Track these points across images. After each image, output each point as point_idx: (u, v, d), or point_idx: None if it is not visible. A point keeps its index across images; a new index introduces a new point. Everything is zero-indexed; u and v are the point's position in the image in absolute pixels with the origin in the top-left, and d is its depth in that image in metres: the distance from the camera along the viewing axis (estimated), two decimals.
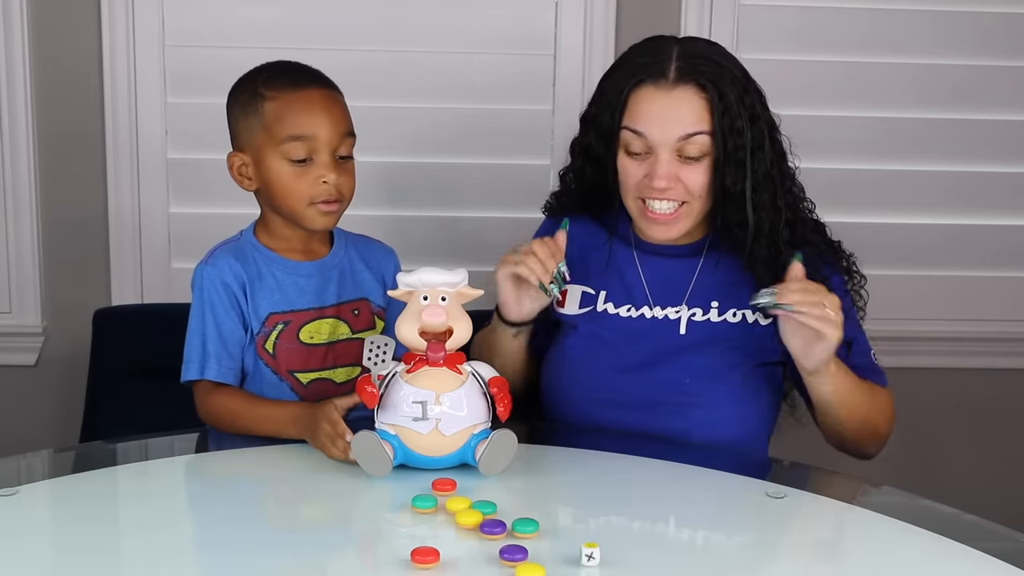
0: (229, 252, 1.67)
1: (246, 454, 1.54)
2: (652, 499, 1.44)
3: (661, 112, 1.56)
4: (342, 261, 1.74)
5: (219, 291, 1.64)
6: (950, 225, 2.51)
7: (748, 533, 1.34)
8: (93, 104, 2.30)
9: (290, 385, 1.67)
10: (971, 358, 2.56)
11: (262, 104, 1.62)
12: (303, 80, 1.64)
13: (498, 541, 1.23)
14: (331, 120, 1.63)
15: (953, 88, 2.45)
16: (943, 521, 1.38)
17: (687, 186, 1.58)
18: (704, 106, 1.55)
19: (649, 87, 1.57)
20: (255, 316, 1.66)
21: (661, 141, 1.56)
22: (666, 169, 1.56)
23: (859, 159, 2.46)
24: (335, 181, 1.63)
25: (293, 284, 1.68)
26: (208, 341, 1.64)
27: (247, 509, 1.39)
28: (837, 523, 1.41)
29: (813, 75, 2.41)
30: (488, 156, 2.38)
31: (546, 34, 2.36)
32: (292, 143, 1.61)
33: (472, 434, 1.42)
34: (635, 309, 1.68)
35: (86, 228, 2.35)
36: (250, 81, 1.66)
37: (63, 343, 2.37)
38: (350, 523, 1.35)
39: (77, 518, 1.33)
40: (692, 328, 1.64)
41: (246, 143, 1.66)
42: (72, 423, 2.23)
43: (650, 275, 1.69)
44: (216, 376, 1.63)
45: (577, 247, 1.71)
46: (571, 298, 1.71)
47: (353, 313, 1.72)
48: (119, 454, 1.61)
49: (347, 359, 1.70)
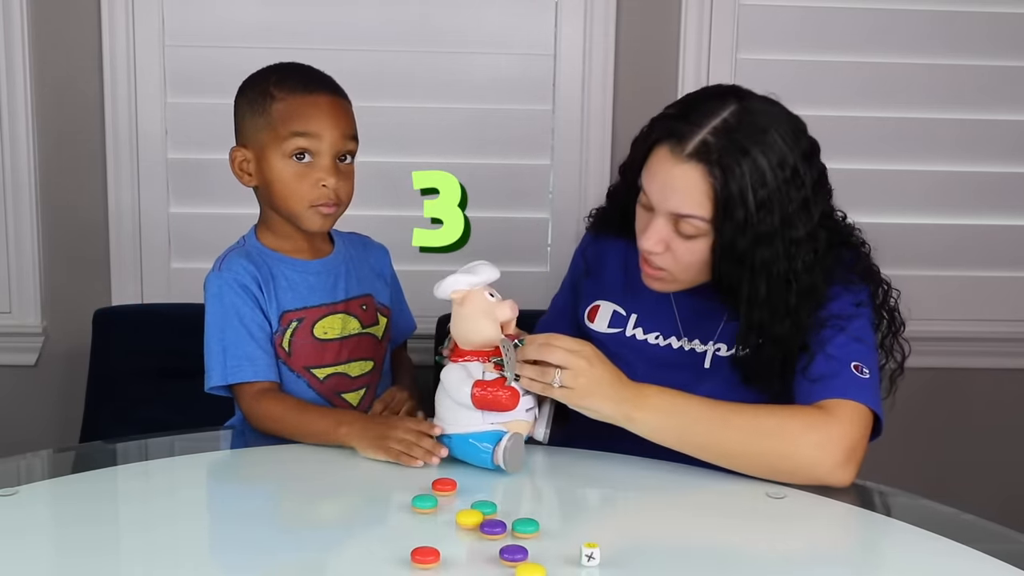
0: (240, 256, 1.68)
1: (246, 454, 1.54)
2: (652, 499, 1.44)
3: (663, 182, 1.49)
4: (346, 258, 1.75)
5: (239, 293, 1.64)
6: (953, 225, 2.51)
7: (748, 533, 1.34)
8: (93, 104, 2.31)
9: (307, 381, 1.67)
10: (973, 358, 2.56)
11: (271, 104, 1.63)
12: (314, 85, 1.66)
13: (498, 541, 1.23)
14: (336, 124, 1.64)
15: (955, 88, 2.45)
16: (943, 521, 1.38)
17: (676, 257, 1.52)
18: (707, 190, 1.45)
19: (664, 150, 1.49)
20: (273, 314, 1.66)
21: (659, 205, 1.50)
22: (657, 233, 1.50)
23: (861, 159, 2.45)
24: (334, 185, 1.63)
25: (304, 281, 1.69)
26: (235, 346, 1.62)
27: (246, 509, 1.38)
28: (837, 523, 1.41)
29: (813, 75, 2.42)
30: (488, 156, 2.38)
31: (546, 34, 2.36)
32: (295, 139, 1.62)
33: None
34: (663, 338, 1.65)
35: (86, 228, 2.35)
36: (261, 80, 1.67)
37: (63, 343, 2.37)
38: (350, 523, 1.35)
39: (77, 518, 1.33)
40: (716, 363, 1.60)
41: (250, 139, 1.66)
42: (72, 423, 2.23)
43: (683, 308, 1.64)
44: (254, 377, 1.62)
45: (620, 262, 1.70)
46: (602, 315, 1.69)
47: (362, 308, 1.73)
48: (119, 454, 1.60)
49: (360, 353, 1.71)
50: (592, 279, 1.74)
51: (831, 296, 1.54)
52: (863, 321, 1.55)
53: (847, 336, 1.51)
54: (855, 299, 1.55)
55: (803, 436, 1.44)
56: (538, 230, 2.42)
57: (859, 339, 1.52)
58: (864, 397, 1.47)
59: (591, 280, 1.74)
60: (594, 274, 1.75)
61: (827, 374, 1.48)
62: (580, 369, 1.41)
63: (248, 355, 1.63)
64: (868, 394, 1.48)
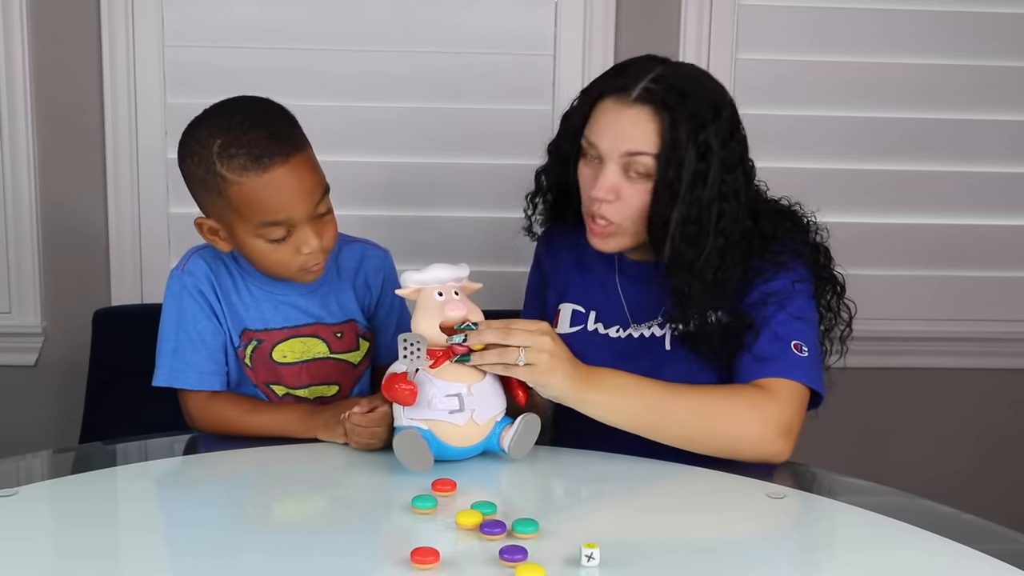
0: (206, 258, 1.64)
1: (247, 454, 1.54)
2: (652, 499, 1.44)
3: (613, 126, 1.58)
4: (324, 283, 1.68)
5: (196, 299, 1.62)
6: (951, 225, 2.51)
7: (748, 534, 1.34)
8: (93, 104, 2.31)
9: (266, 396, 1.67)
10: (971, 358, 2.57)
11: (226, 187, 1.51)
12: (266, 157, 1.50)
13: (498, 541, 1.23)
14: (303, 195, 1.53)
15: (955, 89, 2.46)
16: (943, 521, 1.38)
17: (625, 203, 1.59)
18: (655, 129, 1.56)
19: (610, 101, 1.59)
20: (233, 327, 1.64)
21: (608, 153, 1.58)
22: (608, 180, 1.58)
23: (859, 159, 2.46)
24: (316, 247, 1.56)
25: (268, 300, 1.65)
26: (185, 350, 1.62)
27: (247, 509, 1.39)
28: (837, 523, 1.41)
29: (813, 75, 2.42)
30: (487, 157, 2.38)
31: (546, 34, 2.36)
32: (267, 229, 1.54)
33: (496, 421, 1.46)
34: (623, 330, 1.71)
35: (86, 228, 2.35)
36: (204, 152, 1.52)
37: (63, 343, 2.37)
38: (350, 523, 1.35)
39: (77, 519, 1.33)
40: (675, 342, 1.65)
41: (215, 216, 1.57)
42: (72, 423, 2.23)
43: (629, 295, 1.72)
44: (197, 385, 1.62)
45: (569, 265, 1.77)
46: (563, 316, 1.76)
47: (335, 336, 1.69)
48: (119, 455, 1.61)
49: (322, 378, 1.68)
50: (551, 287, 1.81)
51: (768, 277, 1.61)
52: (803, 298, 1.62)
53: (787, 314, 1.59)
54: (793, 276, 1.62)
55: (747, 414, 1.52)
56: None
57: (799, 317, 1.60)
58: (801, 375, 1.56)
59: (551, 289, 1.81)
60: (552, 282, 1.82)
61: (769, 355, 1.57)
62: (543, 345, 1.44)
63: (196, 363, 1.62)
64: (805, 372, 1.57)
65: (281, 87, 2.27)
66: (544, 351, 1.44)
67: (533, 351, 1.43)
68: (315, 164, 1.57)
